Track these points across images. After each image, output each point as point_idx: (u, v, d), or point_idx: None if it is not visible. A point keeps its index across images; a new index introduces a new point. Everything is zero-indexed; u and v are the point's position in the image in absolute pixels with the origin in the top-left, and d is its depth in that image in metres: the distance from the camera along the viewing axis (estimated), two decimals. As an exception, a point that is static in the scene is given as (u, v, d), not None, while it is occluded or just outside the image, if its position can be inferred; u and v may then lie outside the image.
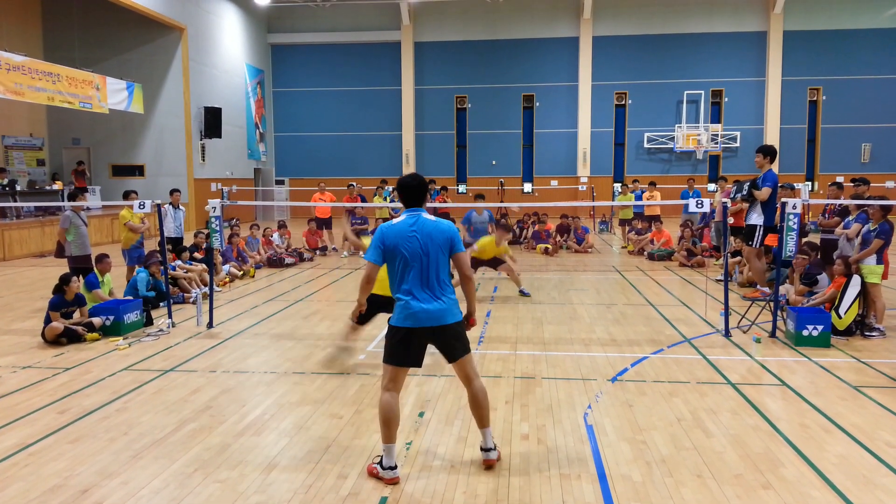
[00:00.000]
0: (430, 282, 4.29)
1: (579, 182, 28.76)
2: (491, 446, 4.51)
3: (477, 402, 4.46)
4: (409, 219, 4.36)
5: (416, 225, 4.33)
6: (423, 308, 4.24)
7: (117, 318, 8.29)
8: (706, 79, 28.69)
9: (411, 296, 4.27)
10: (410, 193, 4.45)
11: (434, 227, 4.33)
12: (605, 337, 8.12)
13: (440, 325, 4.27)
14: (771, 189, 9.44)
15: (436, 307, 4.26)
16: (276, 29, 30.55)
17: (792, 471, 4.43)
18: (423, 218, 4.37)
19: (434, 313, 4.25)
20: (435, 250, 4.30)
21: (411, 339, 4.29)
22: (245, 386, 6.33)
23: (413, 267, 4.28)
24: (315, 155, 30.80)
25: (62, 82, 17.40)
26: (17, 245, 16.27)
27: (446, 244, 4.33)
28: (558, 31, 29.24)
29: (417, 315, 4.24)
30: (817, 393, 5.95)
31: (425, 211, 4.47)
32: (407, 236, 4.29)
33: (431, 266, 4.29)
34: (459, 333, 4.38)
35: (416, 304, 4.25)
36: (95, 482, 4.34)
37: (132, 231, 11.07)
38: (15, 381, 6.48)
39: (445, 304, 4.30)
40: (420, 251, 4.27)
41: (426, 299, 4.26)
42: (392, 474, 4.29)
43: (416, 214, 4.39)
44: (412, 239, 4.28)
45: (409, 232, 4.30)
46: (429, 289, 4.29)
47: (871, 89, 27.89)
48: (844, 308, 7.84)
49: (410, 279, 4.28)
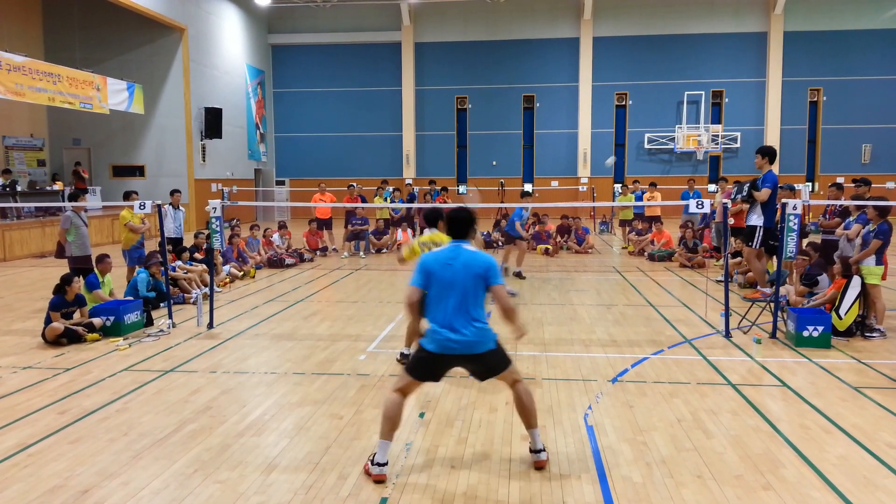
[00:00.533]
0: (462, 312, 4.34)
1: (580, 183, 28.77)
2: (540, 447, 4.56)
3: (521, 403, 4.51)
4: (451, 251, 4.48)
5: (455, 255, 4.44)
6: (451, 338, 4.32)
7: (118, 318, 8.29)
8: (706, 79, 28.70)
9: (441, 324, 4.36)
10: (457, 226, 4.56)
11: (471, 258, 4.41)
12: (605, 338, 8.11)
13: (465, 355, 4.38)
14: (770, 190, 9.44)
15: (462, 338, 4.32)
16: (277, 29, 30.57)
17: (792, 472, 4.43)
18: (464, 249, 4.46)
19: (462, 343, 4.33)
20: (469, 281, 4.36)
21: (435, 362, 4.44)
22: (245, 386, 6.33)
23: (446, 296, 4.36)
24: (315, 155, 30.82)
25: (63, 83, 17.41)
26: (18, 245, 16.27)
27: (482, 276, 4.38)
28: (559, 31, 29.26)
29: (444, 344, 4.34)
30: (818, 394, 5.95)
31: (469, 243, 4.54)
32: (444, 265, 4.40)
33: (465, 296, 4.35)
34: (488, 361, 4.45)
35: (445, 332, 4.33)
36: (96, 483, 4.35)
37: (132, 231, 11.07)
38: (15, 382, 6.48)
39: (472, 336, 4.34)
40: (454, 281, 4.35)
41: (456, 329, 4.33)
42: (379, 471, 4.34)
43: (458, 246, 4.49)
44: (447, 268, 4.39)
45: (446, 261, 4.42)
46: (461, 318, 4.34)
47: (871, 90, 27.89)
48: (845, 309, 7.84)
49: (442, 307, 4.37)
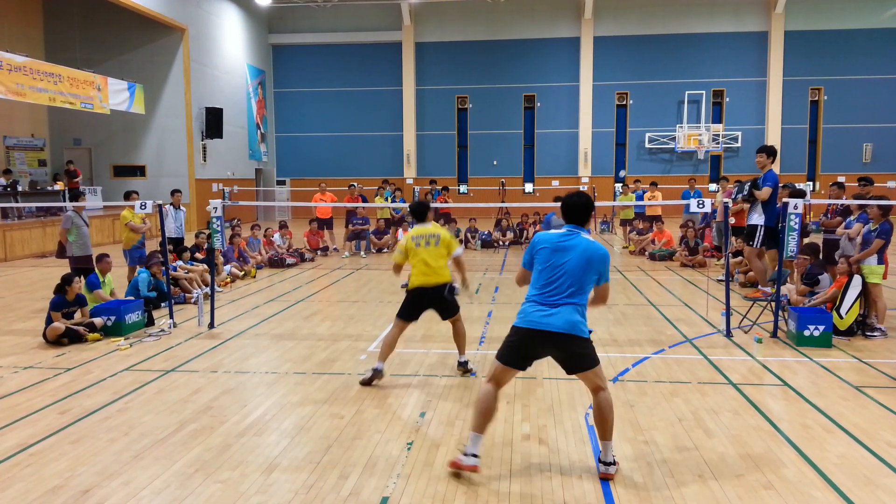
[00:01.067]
0: (563, 295, 4.25)
1: (580, 182, 28.75)
2: (610, 460, 4.37)
3: (599, 413, 4.37)
4: (568, 235, 4.38)
5: (573, 240, 4.34)
6: (543, 314, 4.24)
7: (118, 318, 8.29)
8: (707, 79, 28.69)
9: (539, 301, 4.29)
10: (576, 212, 4.44)
11: (591, 247, 4.31)
12: (606, 337, 8.11)
13: (552, 334, 4.21)
14: (771, 189, 9.43)
15: (554, 317, 4.22)
16: (277, 29, 30.57)
17: (793, 471, 4.42)
18: (582, 237, 4.37)
19: (552, 323, 4.21)
20: (580, 270, 4.26)
21: (523, 343, 4.32)
22: (246, 386, 6.33)
23: (551, 277, 4.28)
24: (316, 155, 30.83)
25: (63, 83, 17.42)
26: (19, 245, 16.28)
27: (597, 269, 4.31)
28: (559, 31, 29.25)
29: (534, 319, 4.25)
30: (819, 393, 5.95)
31: (588, 231, 4.46)
32: (559, 248, 4.32)
33: (571, 282, 4.25)
34: (574, 348, 4.28)
35: (540, 308, 4.27)
36: (96, 483, 4.35)
37: (133, 231, 11.07)
38: (16, 382, 6.48)
39: (565, 315, 4.22)
40: (565, 265, 4.26)
41: (551, 307, 4.24)
42: (472, 461, 4.30)
43: (577, 233, 4.39)
44: (562, 252, 4.30)
45: (562, 245, 4.33)
46: (560, 299, 4.25)
47: (872, 89, 27.87)
48: (846, 308, 7.83)
49: (543, 286, 4.30)
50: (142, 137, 23.74)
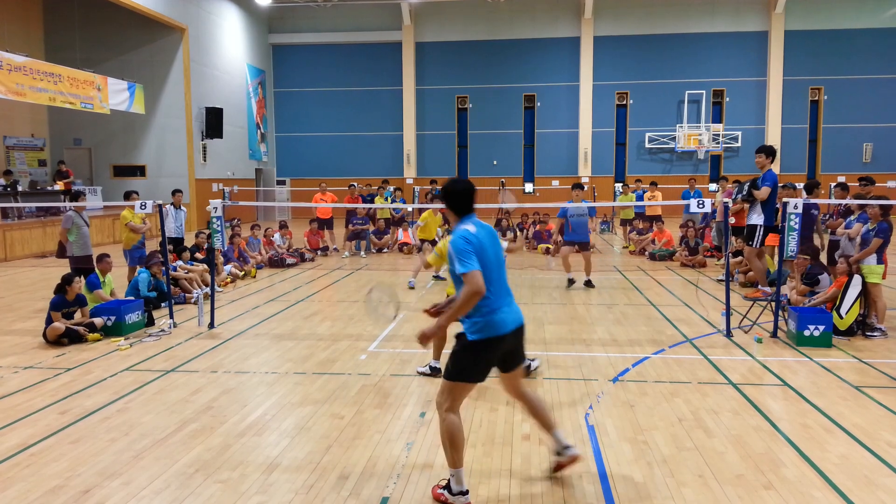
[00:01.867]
0: (506, 283, 4.13)
1: (580, 182, 28.72)
2: (566, 444, 4.33)
3: (535, 408, 4.33)
4: (479, 225, 4.06)
5: (485, 229, 4.07)
6: (514, 311, 4.07)
7: (119, 318, 8.29)
8: (707, 78, 28.68)
9: (498, 304, 3.99)
10: (464, 199, 4.08)
11: (491, 229, 4.11)
12: (606, 337, 8.11)
13: (519, 328, 4.08)
14: (770, 189, 9.44)
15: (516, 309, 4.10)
16: (277, 29, 30.57)
17: (793, 471, 4.42)
18: (483, 222, 4.10)
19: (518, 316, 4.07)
20: (501, 255, 4.12)
21: (498, 348, 4.01)
22: (246, 386, 6.33)
23: (498, 272, 4.05)
24: (316, 155, 30.83)
25: (63, 83, 17.43)
26: (19, 245, 16.28)
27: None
28: (559, 31, 29.24)
29: (512, 318, 4.03)
30: (819, 393, 5.95)
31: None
32: (490, 241, 4.01)
33: (504, 269, 4.13)
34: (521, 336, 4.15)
35: (508, 308, 4.03)
36: (97, 483, 4.35)
37: (133, 231, 11.07)
38: (16, 382, 6.48)
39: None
40: (498, 256, 4.06)
41: (508, 303, 4.07)
42: (465, 500, 3.97)
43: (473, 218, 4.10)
44: (493, 244, 4.03)
45: (490, 237, 4.04)
46: (507, 291, 4.11)
47: (872, 89, 27.87)
48: (846, 308, 7.83)
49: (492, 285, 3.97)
50: (142, 137, 23.74)
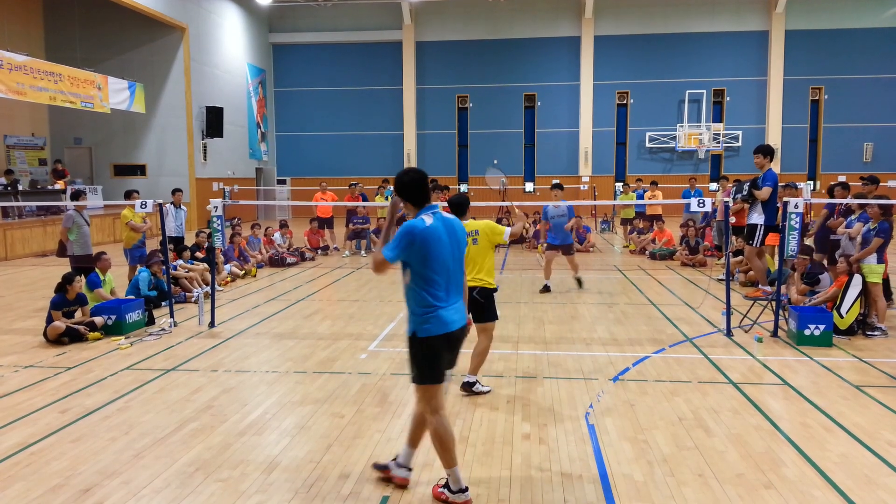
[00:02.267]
0: (460, 282, 4.04)
1: (581, 181, 28.74)
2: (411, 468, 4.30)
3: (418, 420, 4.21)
4: (436, 218, 3.88)
5: (442, 224, 3.89)
6: (457, 312, 3.99)
7: (119, 317, 8.29)
8: (708, 78, 28.66)
9: (445, 301, 3.91)
10: (413, 189, 3.94)
11: (455, 224, 3.95)
12: (606, 336, 8.11)
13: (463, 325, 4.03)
14: (771, 188, 9.43)
15: (461, 308, 4.05)
16: (278, 28, 30.56)
17: (794, 470, 4.42)
18: (444, 215, 3.95)
19: (461, 315, 4.02)
20: (461, 249, 4.00)
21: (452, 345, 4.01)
22: (246, 385, 6.33)
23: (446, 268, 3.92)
24: (316, 154, 30.82)
25: (64, 82, 17.43)
26: (19, 244, 16.29)
27: (464, 241, 4.04)
28: (560, 30, 29.23)
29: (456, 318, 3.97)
30: (819, 392, 5.95)
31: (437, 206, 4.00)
32: (438, 237, 3.84)
33: (460, 266, 4.01)
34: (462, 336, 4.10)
35: (450, 309, 3.95)
36: (97, 482, 4.35)
37: (134, 230, 11.07)
38: (17, 381, 6.48)
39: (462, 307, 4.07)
40: (449, 252, 3.91)
41: (455, 301, 3.99)
42: (464, 497, 3.98)
43: (435, 211, 3.93)
44: (450, 241, 3.91)
45: (438, 232, 3.86)
46: (457, 290, 4.02)
47: (872, 88, 27.84)
48: (846, 307, 7.83)
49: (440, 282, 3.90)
50: (142, 136, 23.74)
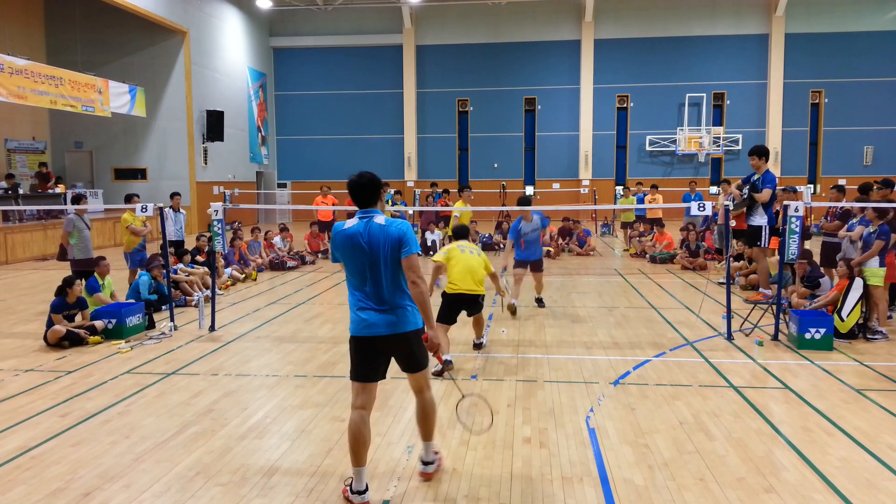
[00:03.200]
0: (382, 290, 3.99)
1: (581, 185, 28.76)
2: (430, 459, 4.37)
3: (424, 414, 4.27)
4: (360, 223, 4.00)
5: (365, 229, 3.98)
6: (374, 318, 3.98)
7: (119, 321, 8.29)
8: (708, 81, 28.69)
9: (363, 305, 4.01)
10: (358, 192, 4.05)
11: (381, 231, 3.96)
12: (606, 340, 8.11)
13: (391, 336, 3.99)
14: (771, 191, 9.45)
15: (386, 318, 3.98)
16: (278, 32, 30.61)
17: (794, 474, 4.41)
18: (374, 222, 3.99)
19: (386, 323, 3.98)
20: (384, 256, 3.96)
21: (368, 350, 4.04)
22: (247, 389, 6.33)
23: (364, 274, 4.00)
24: (317, 158, 30.85)
25: (65, 86, 17.45)
26: (20, 248, 16.30)
27: (396, 248, 3.97)
28: (560, 34, 29.27)
29: (367, 324, 3.99)
30: (820, 396, 5.94)
31: (380, 213, 4.06)
32: (354, 242, 3.96)
33: (382, 273, 3.97)
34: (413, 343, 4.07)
35: (367, 314, 3.99)
36: (97, 485, 4.35)
37: (134, 234, 11.07)
38: (17, 385, 6.48)
39: (396, 315, 4.00)
40: (368, 258, 3.95)
41: (377, 308, 3.99)
42: (360, 499, 4.00)
43: (367, 217, 4.03)
44: (359, 245, 3.96)
45: (356, 237, 3.97)
46: (378, 297, 4.00)
47: (873, 92, 27.88)
48: (847, 311, 7.83)
49: (361, 286, 4.03)
50: (143, 140, 23.77)
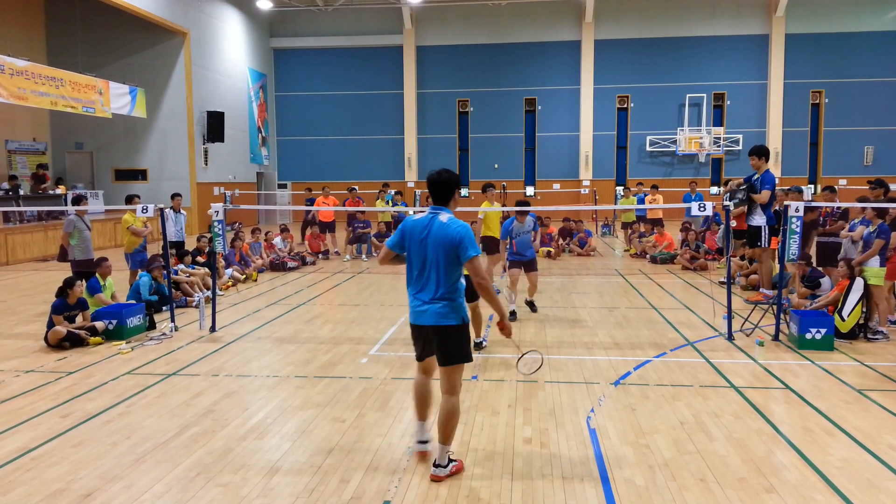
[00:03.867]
0: (433, 282, 4.28)
1: (581, 185, 28.76)
2: (444, 463, 4.39)
3: (442, 417, 4.35)
4: (427, 217, 4.34)
5: (429, 223, 4.31)
6: (423, 308, 4.33)
7: (120, 322, 8.29)
8: (708, 82, 28.69)
9: (416, 294, 4.37)
10: (433, 189, 4.39)
11: (442, 228, 4.23)
12: (607, 340, 8.11)
13: (433, 327, 4.30)
14: (770, 191, 9.45)
15: (433, 309, 4.29)
16: (279, 33, 30.63)
17: (795, 474, 4.41)
18: (438, 218, 4.29)
19: (431, 314, 4.29)
20: (439, 252, 4.24)
21: (419, 335, 4.45)
22: (247, 390, 6.33)
23: (419, 265, 4.34)
24: (317, 159, 30.86)
25: (65, 87, 17.45)
26: (21, 249, 16.30)
27: (452, 247, 4.21)
28: (560, 34, 29.27)
29: (420, 313, 4.36)
30: (820, 396, 5.94)
31: (448, 211, 4.36)
32: (417, 233, 4.32)
33: (435, 267, 4.26)
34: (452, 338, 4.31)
35: (418, 303, 4.36)
36: (98, 486, 4.35)
37: (135, 235, 11.08)
38: (18, 385, 6.48)
39: (438, 307, 4.27)
40: (425, 251, 4.28)
41: (426, 299, 4.31)
42: (421, 447, 4.57)
43: (435, 213, 4.34)
44: (421, 237, 4.30)
45: (420, 229, 4.32)
46: (428, 289, 4.31)
47: (873, 92, 27.87)
48: (847, 311, 7.83)
49: (417, 276, 4.37)
50: (143, 141, 23.77)
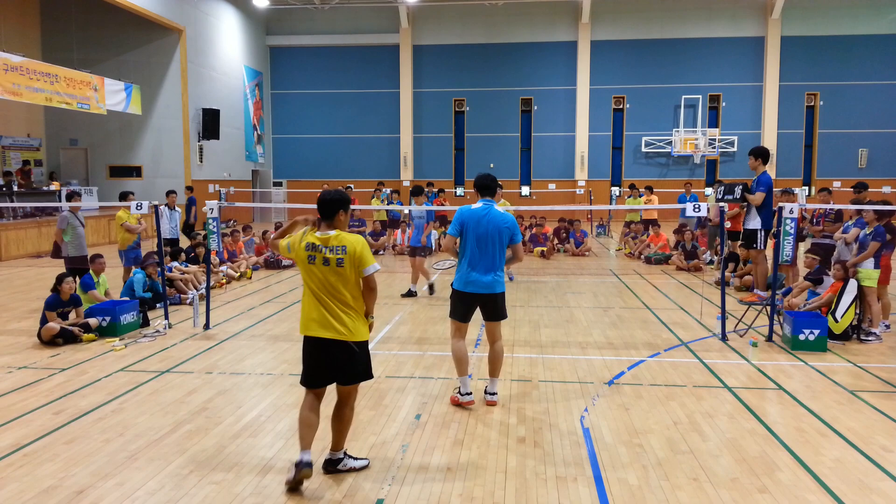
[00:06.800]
0: (488, 258, 5.56)
1: (577, 185, 28.80)
2: (494, 391, 5.80)
3: (493, 357, 5.75)
4: (484, 208, 5.63)
5: (486, 212, 5.60)
6: (479, 279, 5.57)
7: (114, 318, 8.27)
8: (704, 83, 28.77)
9: (473, 268, 5.56)
10: (483, 186, 5.75)
11: (498, 216, 5.58)
12: (601, 340, 8.12)
13: (485, 294, 5.60)
14: (765, 193, 9.47)
15: (487, 280, 5.57)
16: (275, 31, 30.57)
17: (788, 475, 4.43)
18: (494, 209, 5.63)
19: (487, 284, 5.57)
20: (496, 234, 5.56)
21: (468, 301, 5.66)
22: (241, 387, 6.32)
23: (479, 244, 5.54)
24: (313, 157, 30.82)
25: (60, 83, 17.39)
26: (14, 245, 16.24)
27: (505, 232, 5.58)
28: (557, 35, 29.31)
29: (475, 283, 5.57)
30: (814, 397, 5.96)
31: (496, 203, 5.71)
32: (478, 220, 5.56)
33: (491, 246, 5.53)
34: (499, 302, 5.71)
35: (475, 274, 5.56)
36: (90, 483, 4.33)
37: (129, 232, 11.04)
38: (10, 382, 6.46)
39: (492, 278, 5.59)
40: (485, 232, 5.53)
41: (482, 272, 5.56)
42: (466, 398, 5.69)
43: (489, 204, 5.66)
44: (482, 223, 5.55)
45: (482, 216, 5.58)
46: (484, 265, 5.57)
47: (868, 94, 28.00)
48: (841, 312, 7.86)
49: (476, 254, 5.56)
50: (138, 138, 23.70)
